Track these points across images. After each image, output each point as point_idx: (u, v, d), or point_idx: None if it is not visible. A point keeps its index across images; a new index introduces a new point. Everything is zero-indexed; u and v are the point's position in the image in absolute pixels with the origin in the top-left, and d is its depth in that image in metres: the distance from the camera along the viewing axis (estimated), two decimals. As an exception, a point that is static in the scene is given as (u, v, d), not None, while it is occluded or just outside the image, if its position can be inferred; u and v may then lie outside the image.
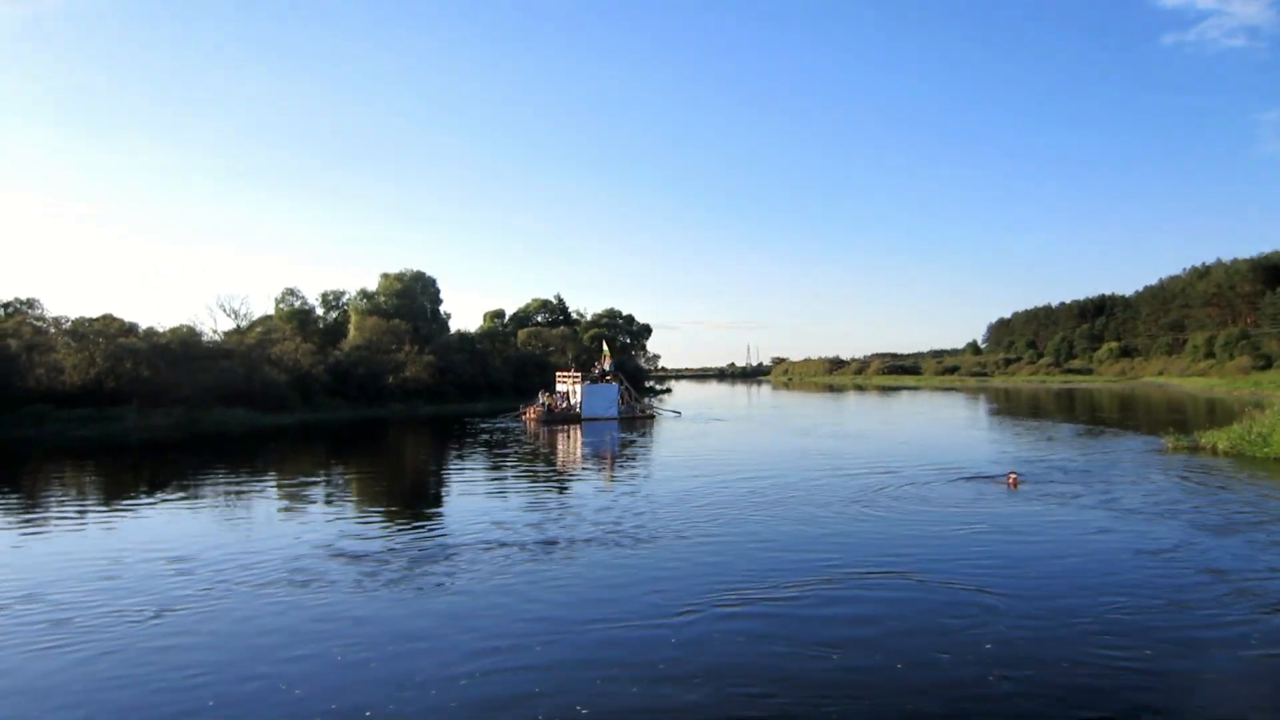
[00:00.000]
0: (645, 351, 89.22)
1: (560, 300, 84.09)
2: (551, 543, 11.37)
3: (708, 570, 9.99)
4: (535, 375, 55.20)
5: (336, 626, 8.11)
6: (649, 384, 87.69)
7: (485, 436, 28.64)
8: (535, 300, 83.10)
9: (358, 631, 7.99)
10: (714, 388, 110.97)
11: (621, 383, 39.83)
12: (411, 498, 15.77)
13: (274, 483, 17.73)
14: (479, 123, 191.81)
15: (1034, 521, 12.37)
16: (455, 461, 21.55)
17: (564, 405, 38.87)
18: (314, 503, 15.17)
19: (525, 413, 38.27)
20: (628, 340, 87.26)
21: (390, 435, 32.80)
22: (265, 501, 15.20)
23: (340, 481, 18.04)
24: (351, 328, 57.65)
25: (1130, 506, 13.24)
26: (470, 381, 55.99)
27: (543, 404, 37.76)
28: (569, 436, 29.78)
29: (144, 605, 8.84)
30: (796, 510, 13.54)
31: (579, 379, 38.70)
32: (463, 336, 62.87)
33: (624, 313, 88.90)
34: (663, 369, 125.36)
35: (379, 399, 48.90)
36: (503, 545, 11.33)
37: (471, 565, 10.31)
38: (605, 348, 43.01)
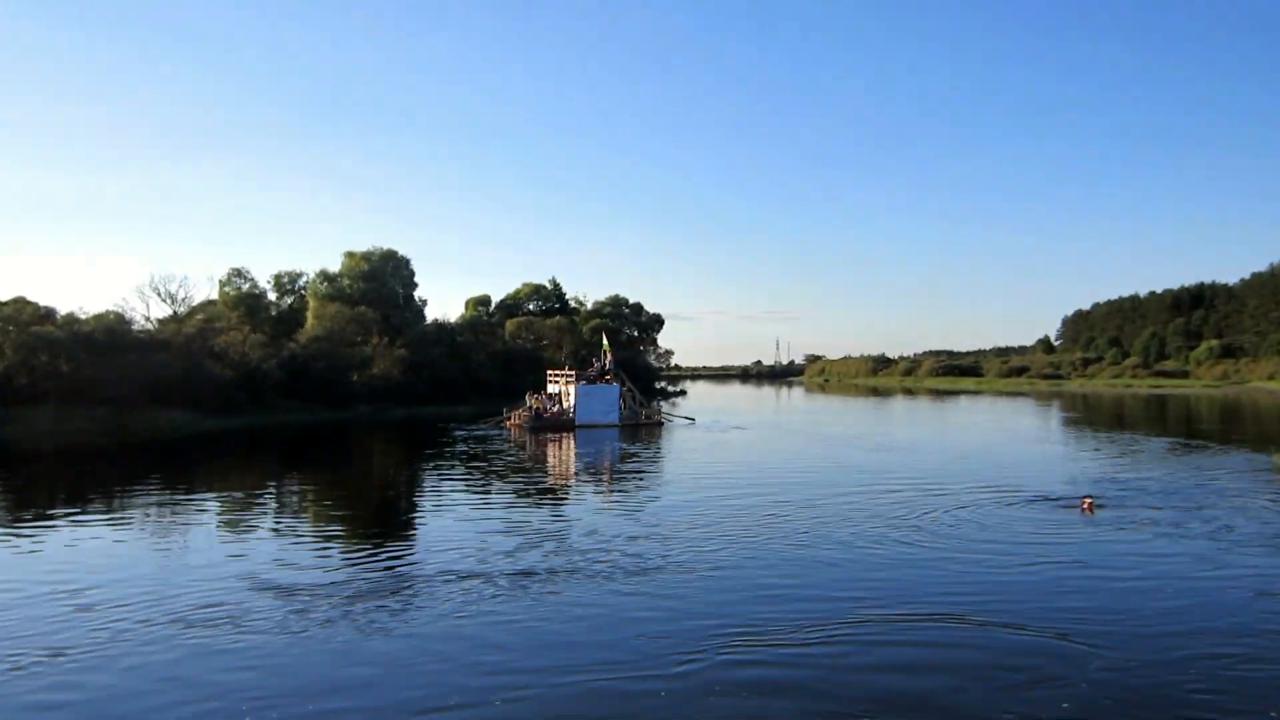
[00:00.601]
0: (655, 346, 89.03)
1: (556, 285, 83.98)
2: (528, 574, 11.23)
3: (714, 609, 9.73)
4: (526, 373, 54.99)
5: (247, 678, 7.76)
6: (659, 385, 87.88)
7: (463, 446, 28.92)
8: (527, 285, 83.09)
9: (273, 684, 7.63)
10: (736, 390, 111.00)
11: (624, 383, 39.14)
12: (368, 519, 15.85)
13: (210, 499, 17.87)
14: (458, 76, 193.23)
15: (1117, 553, 12.23)
16: (425, 475, 21.77)
17: (555, 409, 38.89)
18: (253, 524, 15.28)
19: (510, 418, 38.30)
20: (635, 333, 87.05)
21: (353, 443, 33.19)
22: (196, 522, 15.28)
23: (288, 498, 18.25)
24: (309, 315, 57.63)
25: (1238, 537, 13.03)
26: (450, 380, 55.87)
27: (530, 408, 37.87)
28: (560, 446, 30.08)
29: (20, 651, 8.50)
30: (827, 537, 13.44)
31: (573, 378, 38.60)
32: (441, 327, 62.79)
33: (630, 301, 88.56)
34: (676, 367, 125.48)
35: (342, 400, 48.96)
36: (468, 577, 11.14)
37: (428, 601, 10.12)
38: (605, 341, 41.79)
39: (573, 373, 38.93)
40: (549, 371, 42.70)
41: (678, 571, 11.43)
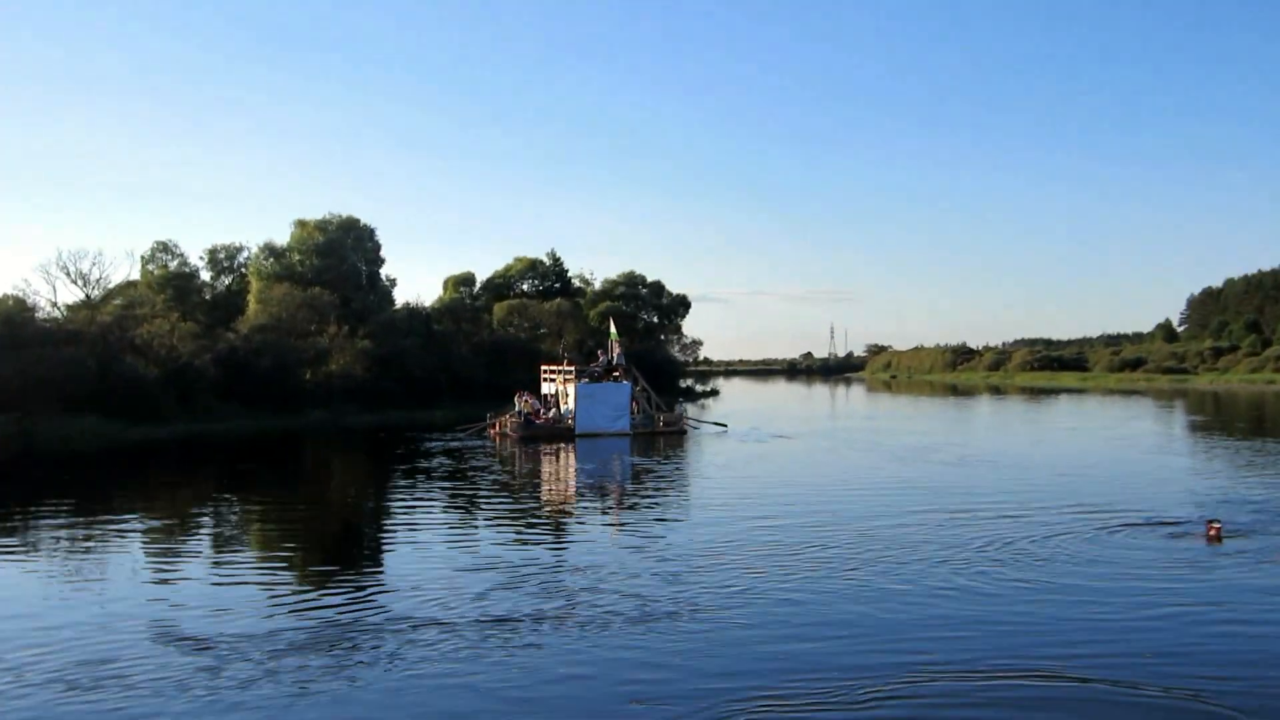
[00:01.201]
0: (680, 335, 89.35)
1: (556, 260, 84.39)
2: (504, 622, 11.18)
3: (735, 666, 9.57)
4: (520, 368, 55.05)
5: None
6: (685, 383, 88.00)
7: (436, 460, 29.14)
8: (520, 260, 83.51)
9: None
10: (781, 389, 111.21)
11: (637, 381, 39.70)
12: (315, 552, 16.03)
13: (128, 526, 18.02)
14: (431, 6, 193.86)
15: (1255, 592, 12.19)
16: (388, 498, 22.10)
17: (550, 414, 38.93)
18: (175, 558, 15.41)
19: (494, 425, 39.07)
20: (654, 318, 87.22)
21: (304, 457, 33.67)
22: (107, 555, 15.36)
23: (221, 526, 18.49)
24: (251, 300, 58.12)
25: None
26: (424, 378, 56.32)
27: (519, 412, 38.06)
28: (556, 461, 30.43)
29: None
30: (887, 574, 13.43)
31: (572, 375, 38.67)
32: (413, 313, 63.20)
33: (648, 279, 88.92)
34: (706, 361, 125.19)
35: (292, 403, 49.43)
36: (428, 625, 11.08)
37: (373, 656, 10.02)
38: (613, 329, 42.03)
39: (572, 368, 39.01)
40: (543, 368, 42.88)
41: (692, 618, 11.34)
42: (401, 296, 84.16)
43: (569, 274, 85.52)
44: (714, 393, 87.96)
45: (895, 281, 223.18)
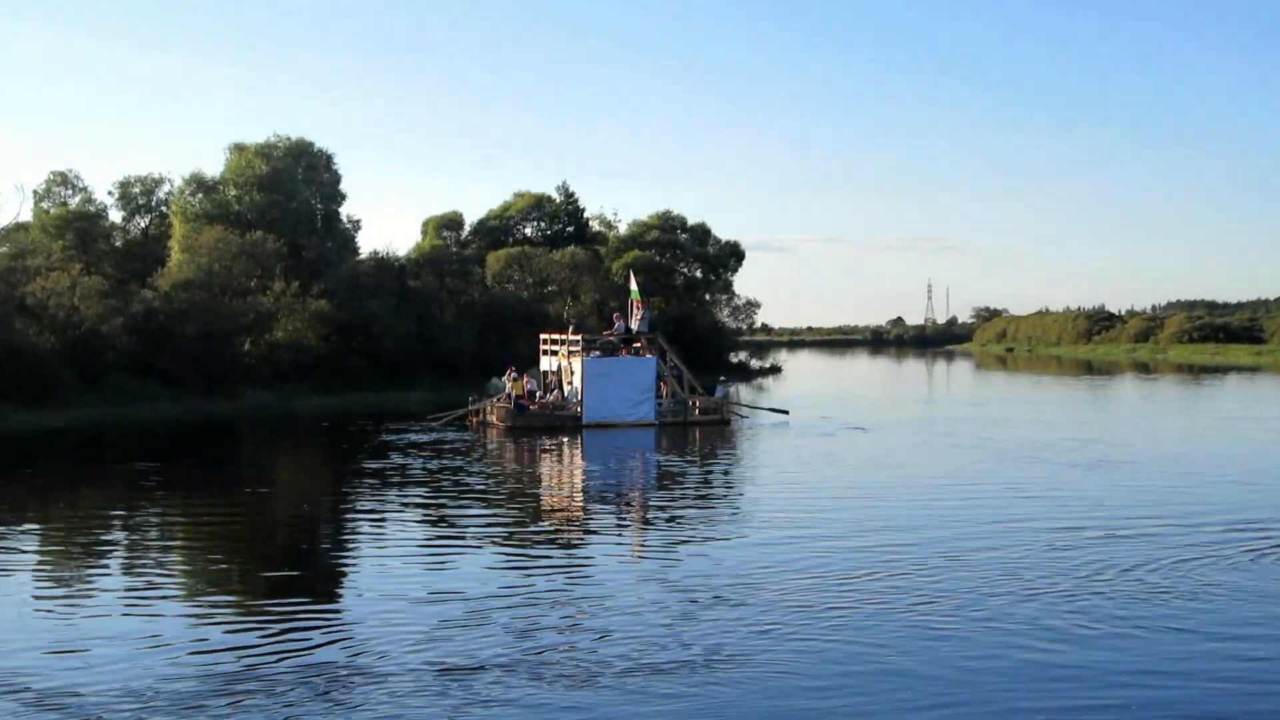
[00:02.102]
0: (731, 296, 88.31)
1: (569, 197, 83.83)
2: (467, 671, 11.22)
3: None
4: (521, 336, 54.87)
5: None
6: (737, 357, 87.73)
7: (401, 458, 29.32)
8: (522, 197, 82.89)
9: None
10: (862, 364, 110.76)
11: (665, 355, 39.43)
12: (239, 577, 16.18)
13: (5, 542, 18.37)
14: None
15: None
16: (336, 508, 22.38)
17: (550, 397, 38.89)
18: (63, 582, 15.65)
19: (479, 413, 39.03)
20: (696, 272, 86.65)
21: (238, 453, 34.01)
22: None
23: (127, 542, 18.73)
24: (174, 247, 57.93)
25: None
26: (396, 349, 56.34)
27: (507, 394, 38.29)
28: (555, 458, 30.71)
29: None
30: (988, 611, 13.55)
31: (579, 346, 38.73)
32: (383, 265, 62.91)
33: (689, 221, 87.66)
34: (765, 329, 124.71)
35: (227, 381, 49.44)
36: (359, 675, 11.10)
37: (287, 711, 10.07)
38: (634, 285, 42.03)
39: (579, 337, 38.96)
40: (543, 337, 43.03)
41: (710, 666, 11.38)
42: (368, 243, 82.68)
43: (585, 214, 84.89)
44: (774, 370, 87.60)
45: (1012, 227, 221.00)
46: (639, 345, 39.25)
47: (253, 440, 37.84)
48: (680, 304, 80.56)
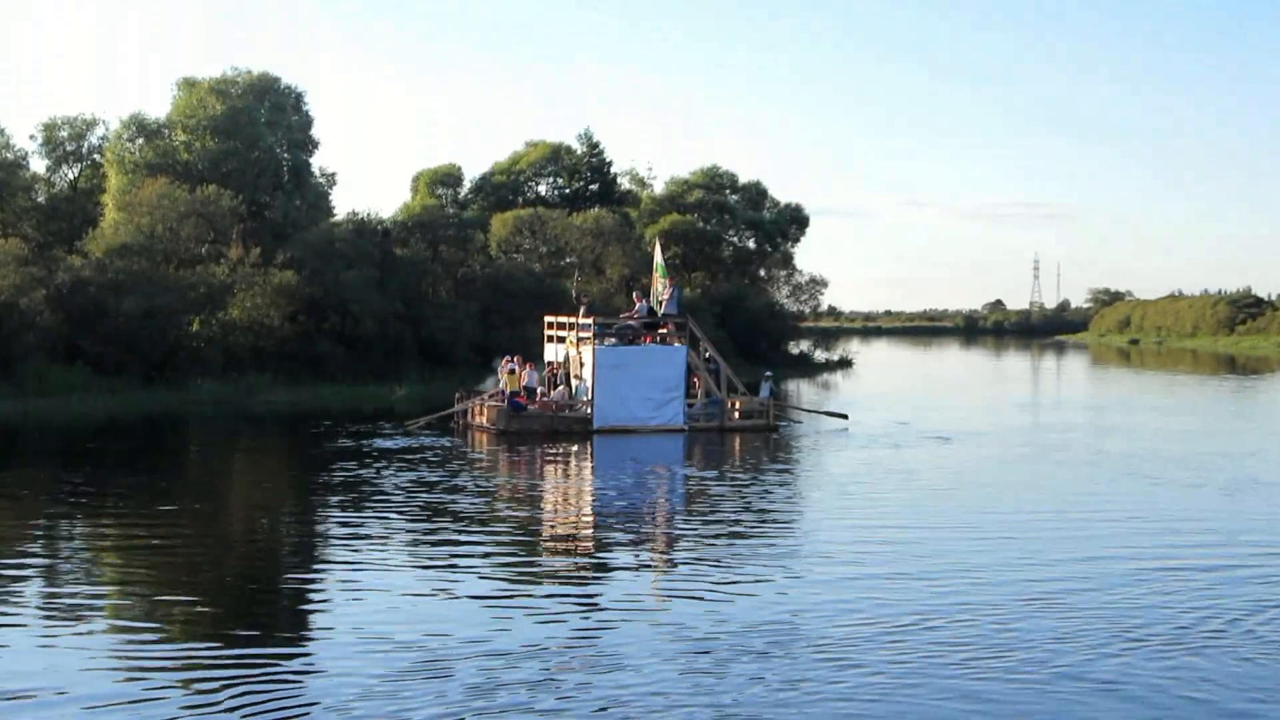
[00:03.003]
0: (791, 271, 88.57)
1: (593, 149, 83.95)
2: None
3: None
4: (531, 318, 54.66)
5: None
6: (798, 347, 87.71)
7: (369, 469, 29.49)
8: (535, 148, 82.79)
9: None
10: (952, 357, 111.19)
11: (698, 344, 39.47)
12: (163, 614, 16.18)
13: None
14: None
15: None
16: (285, 530, 22.58)
17: (554, 394, 39.03)
18: None
19: (468, 413, 39.47)
20: (748, 242, 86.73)
21: (182, 456, 34.33)
22: None
23: (25, 566, 18.77)
24: (109, 205, 58.46)
25: None
26: (379, 332, 56.56)
27: (500, 389, 38.52)
28: (559, 470, 30.98)
29: None
30: (1078, 667, 13.59)
31: (589, 330, 38.55)
32: (364, 229, 63.33)
33: (740, 180, 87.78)
34: (833, 313, 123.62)
35: (171, 369, 49.64)
36: None
37: None
38: (659, 255, 41.98)
39: (590, 321, 38.87)
40: (548, 320, 43.06)
41: None
42: (345, 203, 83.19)
43: (613, 170, 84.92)
44: (844, 363, 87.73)
45: (1138, 192, 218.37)
46: (665, 331, 39.06)
47: (200, 442, 38.04)
48: (729, 281, 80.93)
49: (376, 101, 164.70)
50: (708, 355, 39.56)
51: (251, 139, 60.45)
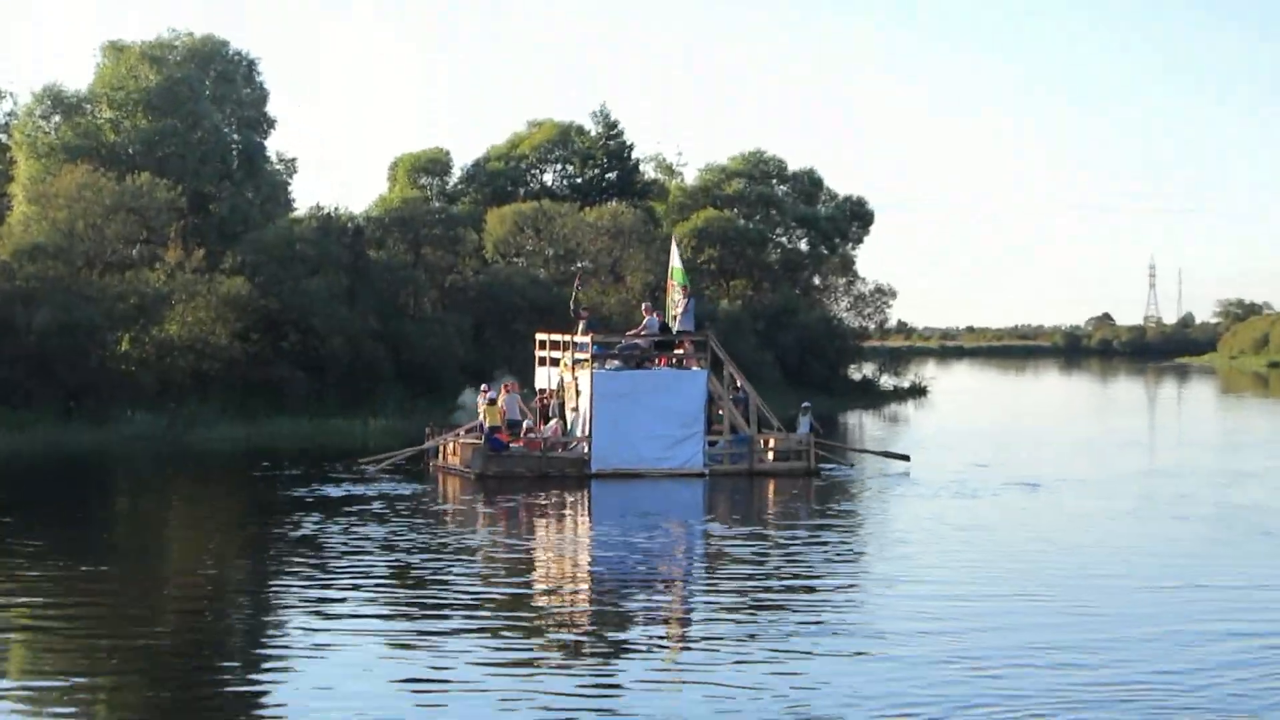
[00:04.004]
0: (852, 280, 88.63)
1: (610, 129, 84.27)
2: None
3: None
4: (531, 335, 54.13)
5: None
6: (861, 371, 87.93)
7: (326, 518, 29.78)
8: (540, 129, 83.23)
9: None
10: (1047, 382, 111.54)
11: (724, 369, 39.32)
12: (80, 700, 16.21)
13: None
14: None
15: None
16: (223, 600, 22.64)
17: (545, 429, 38.80)
18: None
19: (439, 452, 39.77)
20: (799, 243, 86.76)
21: (104, 504, 34.49)
22: None
23: None
24: (17, 195, 58.53)
25: None
26: (349, 352, 56.48)
27: (479, 423, 38.66)
28: (548, 525, 30.91)
29: None
30: None
31: (586, 351, 38.11)
32: (330, 226, 63.12)
33: (789, 168, 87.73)
34: (903, 329, 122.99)
35: (92, 398, 49.56)
36: None
37: None
38: (676, 258, 42.24)
39: (587, 339, 38.48)
40: (539, 338, 43.08)
41: None
42: (307, 195, 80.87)
43: (633, 155, 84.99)
44: (917, 391, 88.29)
45: (1277, 182, 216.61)
46: (681, 352, 38.90)
47: (127, 489, 37.91)
48: (776, 291, 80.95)
49: (345, 71, 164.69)
50: (732, 382, 39.26)
51: (193, 116, 60.20)
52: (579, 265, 69.37)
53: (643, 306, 42.74)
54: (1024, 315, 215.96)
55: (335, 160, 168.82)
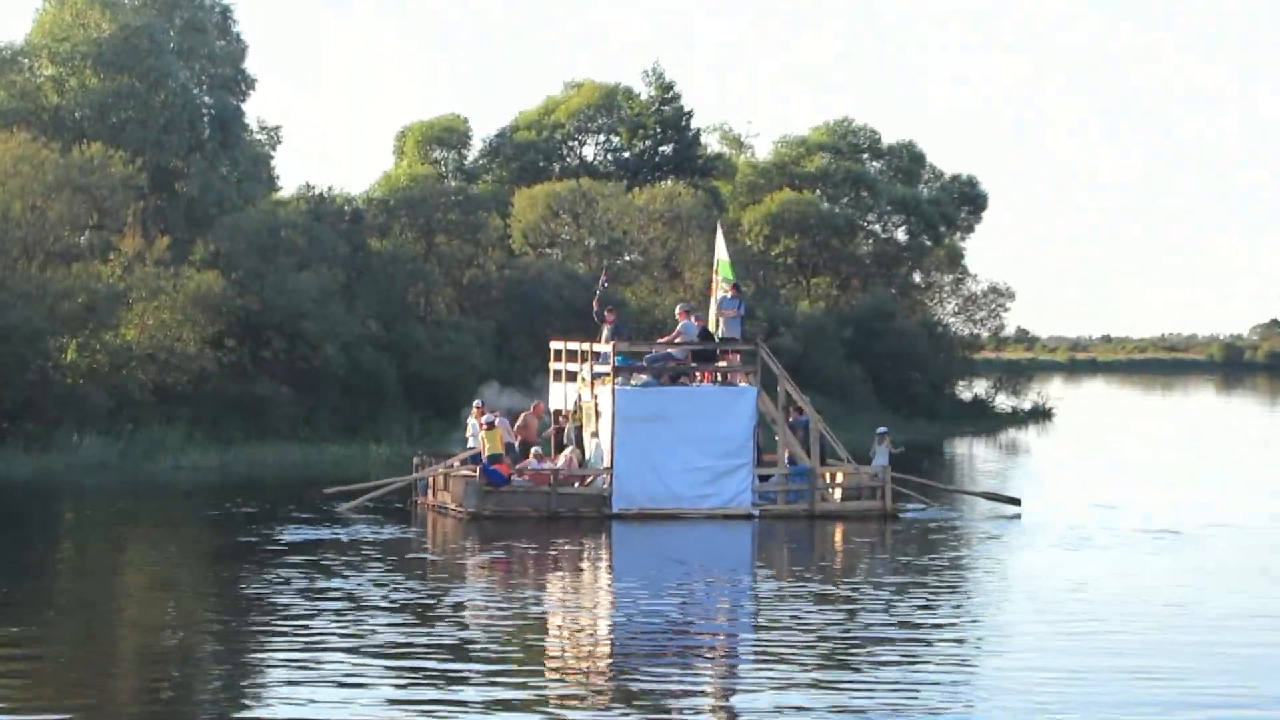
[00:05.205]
0: (961, 277, 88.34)
1: (664, 92, 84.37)
2: None
3: None
4: (567, 336, 53.95)
5: None
6: (970, 390, 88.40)
7: (288, 569, 29.93)
8: (577, 91, 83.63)
9: None
10: (1199, 400, 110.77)
11: (779, 385, 39.21)
12: None
13: None
14: None
15: None
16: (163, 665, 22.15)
17: (561, 460, 38.53)
18: None
19: (427, 487, 40.34)
20: (894, 232, 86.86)
21: (43, 549, 34.99)
22: None
23: None
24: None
25: None
26: (345, 363, 56.57)
27: (473, 456, 38.95)
28: (560, 577, 30.86)
29: None
30: None
31: (609, 362, 37.86)
32: (322, 209, 63.45)
33: (883, 141, 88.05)
34: (1023, 338, 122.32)
35: (33, 418, 49.82)
36: None
37: None
38: (722, 249, 42.15)
39: (608, 348, 38.05)
40: (553, 346, 43.67)
41: None
42: (294, 171, 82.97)
43: (693, 124, 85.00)
44: (1040, 415, 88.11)
45: None
46: (725, 363, 38.87)
47: (72, 530, 38.16)
48: (868, 291, 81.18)
49: (341, 20, 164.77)
50: (787, 402, 38.65)
51: (154, 74, 60.16)
52: (614, 261, 68.82)
53: (678, 309, 41.85)
54: (1173, 323, 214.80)
55: (329, 129, 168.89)
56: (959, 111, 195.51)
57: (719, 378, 38.49)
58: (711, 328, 39.06)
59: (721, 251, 41.34)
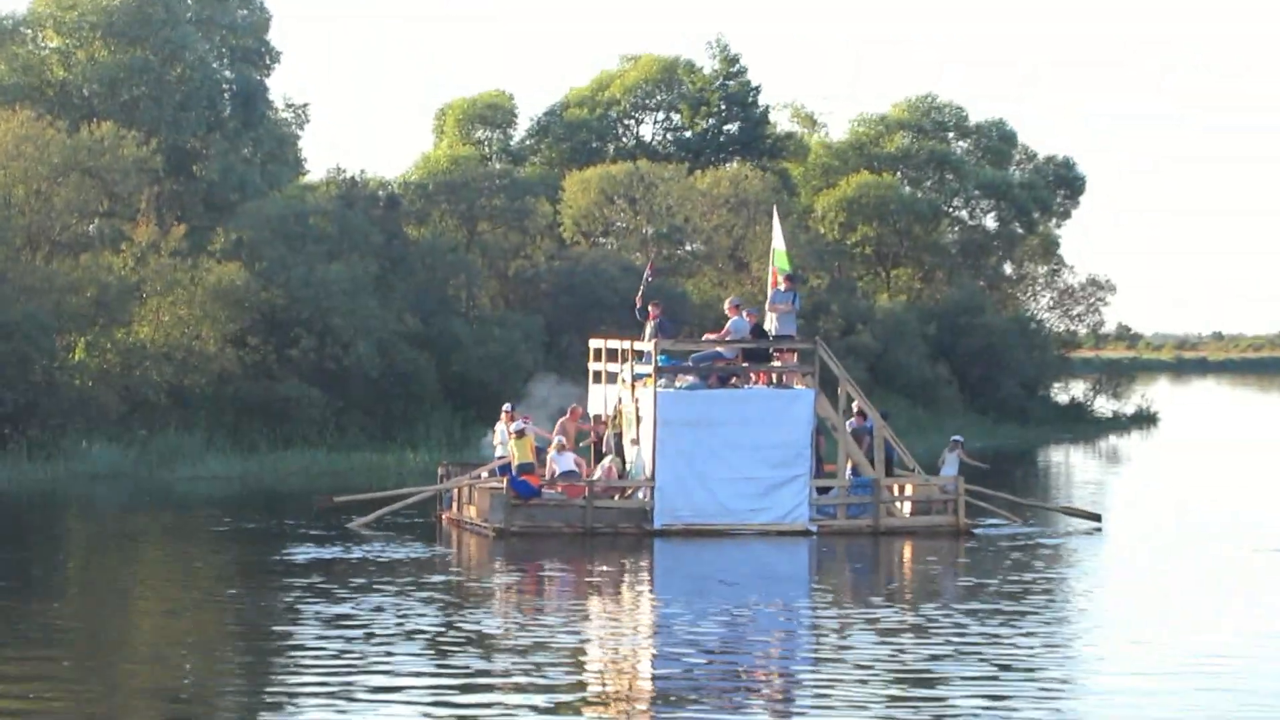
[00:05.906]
0: (1058, 264, 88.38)
1: (729, 65, 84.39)
2: None
3: None
4: (615, 338, 54.03)
5: None
6: (1068, 392, 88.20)
7: (293, 592, 30.00)
8: (634, 65, 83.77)
9: None
10: None
11: (840, 388, 39.28)
12: None
13: None
14: None
15: None
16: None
17: (600, 470, 38.25)
18: None
19: (452, 500, 40.46)
20: (983, 219, 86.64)
21: (50, 563, 35.45)
22: None
23: None
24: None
25: None
26: (380, 363, 56.71)
27: (498, 462, 39.30)
28: (599, 599, 30.73)
29: None
30: None
31: (650, 361, 37.72)
32: (353, 195, 63.45)
33: (971, 119, 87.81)
34: (1125, 334, 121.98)
35: (38, 424, 50.05)
36: None
37: None
38: (779, 236, 42.70)
39: (650, 344, 38.00)
40: (593, 345, 44.26)
41: None
42: (323, 154, 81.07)
43: (761, 101, 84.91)
44: (1144, 419, 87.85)
45: None
46: (779, 362, 38.82)
47: (81, 545, 38.15)
48: (953, 283, 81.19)
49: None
50: (849, 405, 38.44)
51: (170, 46, 60.39)
52: (689, 248, 68.67)
53: (727, 304, 41.81)
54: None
55: (361, 107, 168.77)
56: (1053, 87, 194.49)
57: (773, 379, 38.14)
58: (767, 325, 38.56)
59: (778, 239, 41.42)
